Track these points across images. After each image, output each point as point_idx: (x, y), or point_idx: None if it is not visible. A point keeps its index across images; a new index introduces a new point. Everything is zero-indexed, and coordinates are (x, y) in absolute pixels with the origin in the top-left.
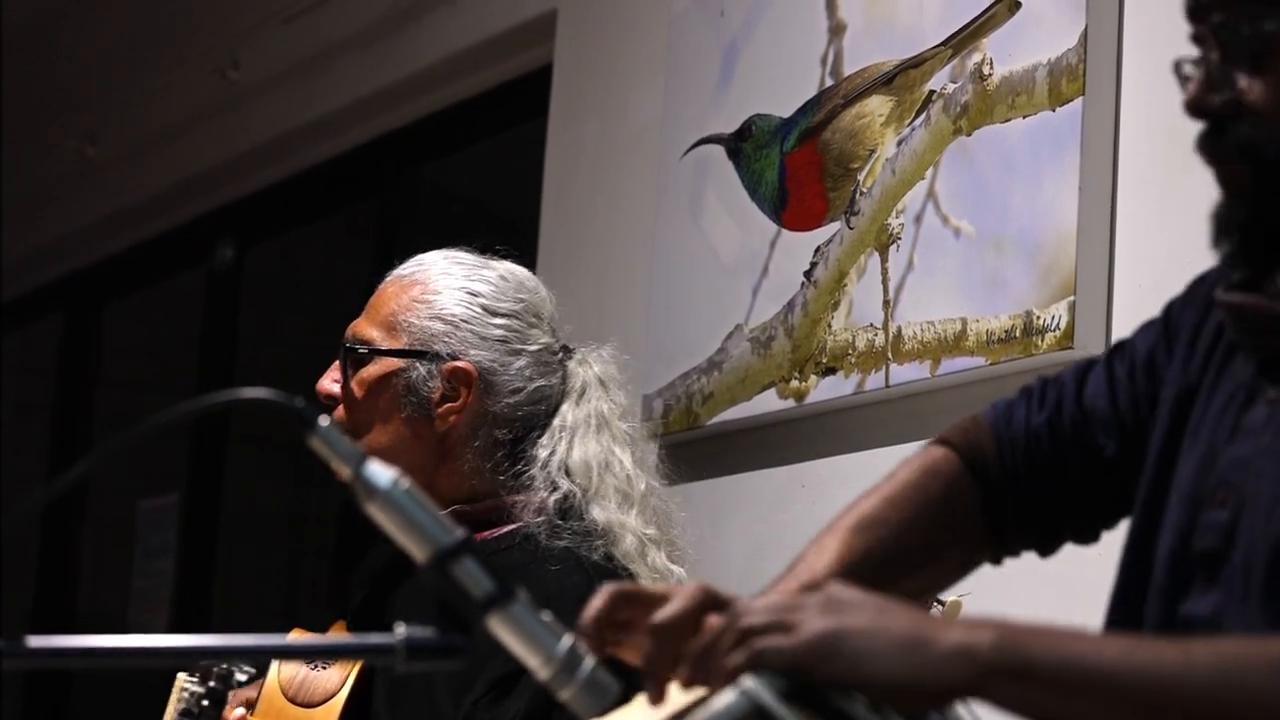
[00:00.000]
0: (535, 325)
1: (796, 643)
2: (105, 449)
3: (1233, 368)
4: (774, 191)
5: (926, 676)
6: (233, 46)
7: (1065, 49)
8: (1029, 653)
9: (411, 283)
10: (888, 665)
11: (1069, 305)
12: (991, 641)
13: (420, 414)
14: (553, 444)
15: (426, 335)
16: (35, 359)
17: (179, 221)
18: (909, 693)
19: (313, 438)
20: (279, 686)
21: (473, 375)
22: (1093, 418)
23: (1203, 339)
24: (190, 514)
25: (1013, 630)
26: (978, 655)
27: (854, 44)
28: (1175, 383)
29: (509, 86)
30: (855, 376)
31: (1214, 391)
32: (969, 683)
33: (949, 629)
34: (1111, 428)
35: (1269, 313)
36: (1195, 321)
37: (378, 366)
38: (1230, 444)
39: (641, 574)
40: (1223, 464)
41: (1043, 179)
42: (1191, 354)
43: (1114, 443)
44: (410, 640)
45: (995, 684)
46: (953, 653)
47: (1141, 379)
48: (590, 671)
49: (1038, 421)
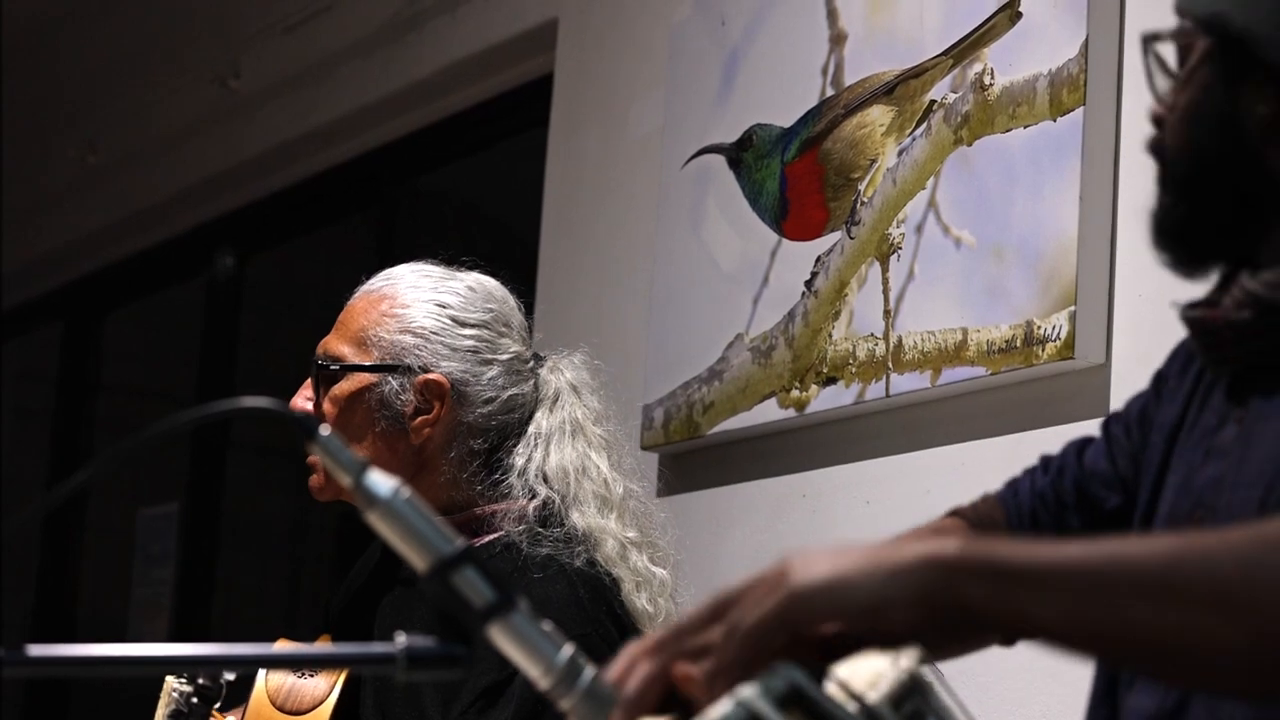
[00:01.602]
0: (505, 334)
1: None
2: (106, 457)
3: (1212, 400)
4: (775, 201)
5: (897, 588)
6: (234, 56)
7: (1066, 59)
8: (993, 551)
9: (380, 297)
10: (861, 586)
11: (1070, 315)
12: (957, 546)
13: (395, 428)
14: (529, 451)
15: (397, 349)
16: (36, 366)
17: (179, 230)
18: (884, 607)
19: (313, 446)
20: (267, 695)
21: (445, 387)
22: (1094, 477)
23: (1187, 379)
24: (190, 522)
25: (978, 539)
26: (943, 558)
27: (855, 54)
28: (1163, 426)
29: (510, 96)
30: (856, 386)
31: (1195, 426)
32: (938, 586)
33: (912, 544)
34: (1113, 483)
35: (1230, 320)
36: (1179, 369)
37: (350, 383)
38: (1204, 466)
39: (624, 577)
40: (1198, 486)
41: (1043, 189)
42: (1176, 394)
43: (1116, 496)
44: (411, 650)
45: (962, 585)
46: (918, 561)
47: (1136, 434)
48: (591, 682)
49: (1042, 485)
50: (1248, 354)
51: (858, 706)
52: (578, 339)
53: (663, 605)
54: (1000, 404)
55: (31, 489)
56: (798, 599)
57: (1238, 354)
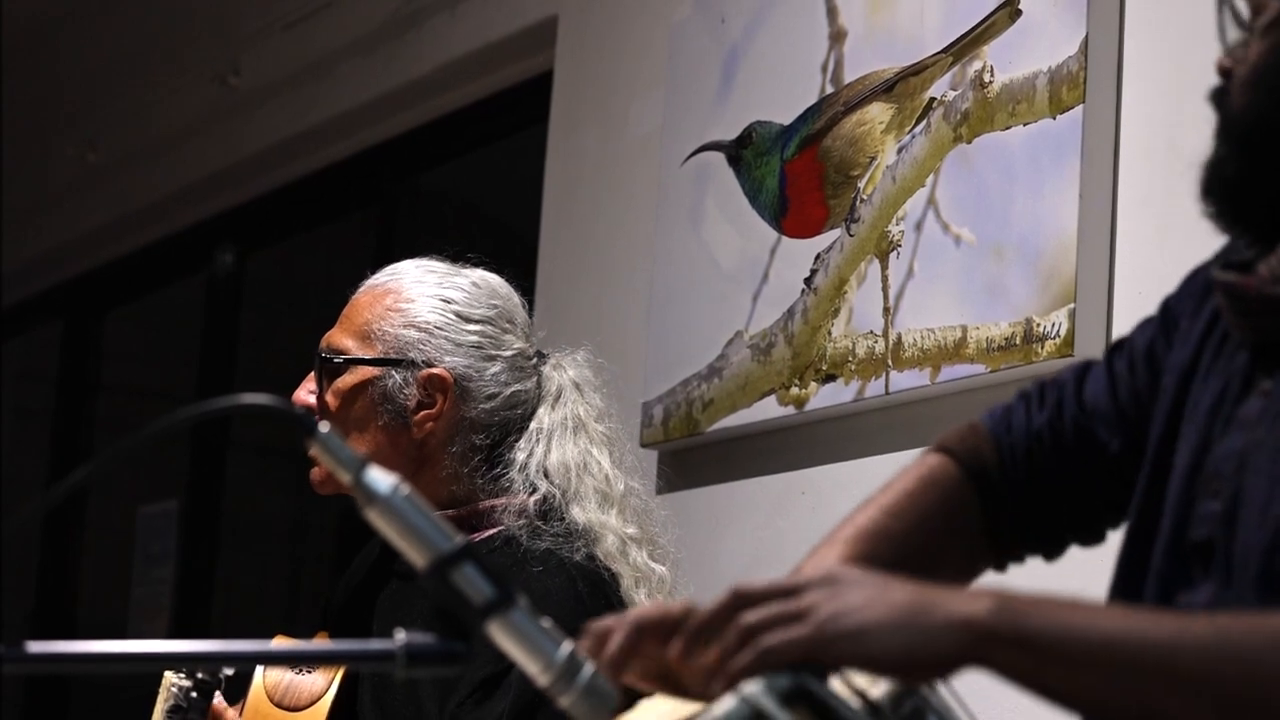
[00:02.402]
0: (509, 331)
1: (801, 634)
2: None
3: (1228, 353)
4: (774, 199)
5: (927, 647)
6: (233, 53)
7: (1066, 57)
8: (1027, 620)
9: (384, 291)
10: (890, 639)
11: (1069, 312)
12: (989, 610)
13: (397, 422)
14: (530, 446)
15: (401, 343)
16: (36, 365)
17: (179, 227)
18: (911, 664)
19: (313, 444)
20: (265, 691)
21: (448, 382)
22: (1095, 415)
23: (1199, 321)
24: (190, 520)
25: (1011, 599)
26: (976, 624)
27: (854, 51)
28: (1175, 367)
29: (509, 93)
30: (855, 383)
31: (1209, 375)
32: (968, 651)
33: (948, 599)
34: (1114, 424)
35: (1263, 294)
36: (1192, 307)
37: (353, 376)
38: (1225, 436)
39: (623, 573)
40: (1216, 456)
41: (1043, 186)
42: (1189, 336)
43: (1118, 439)
44: (410, 647)
45: (994, 652)
46: (951, 622)
47: (1142, 371)
48: (590, 678)
49: (1039, 423)
50: (1277, 328)
51: (860, 703)
52: (577, 336)
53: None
54: (999, 401)
55: (31, 488)
56: (824, 641)
57: (1268, 325)
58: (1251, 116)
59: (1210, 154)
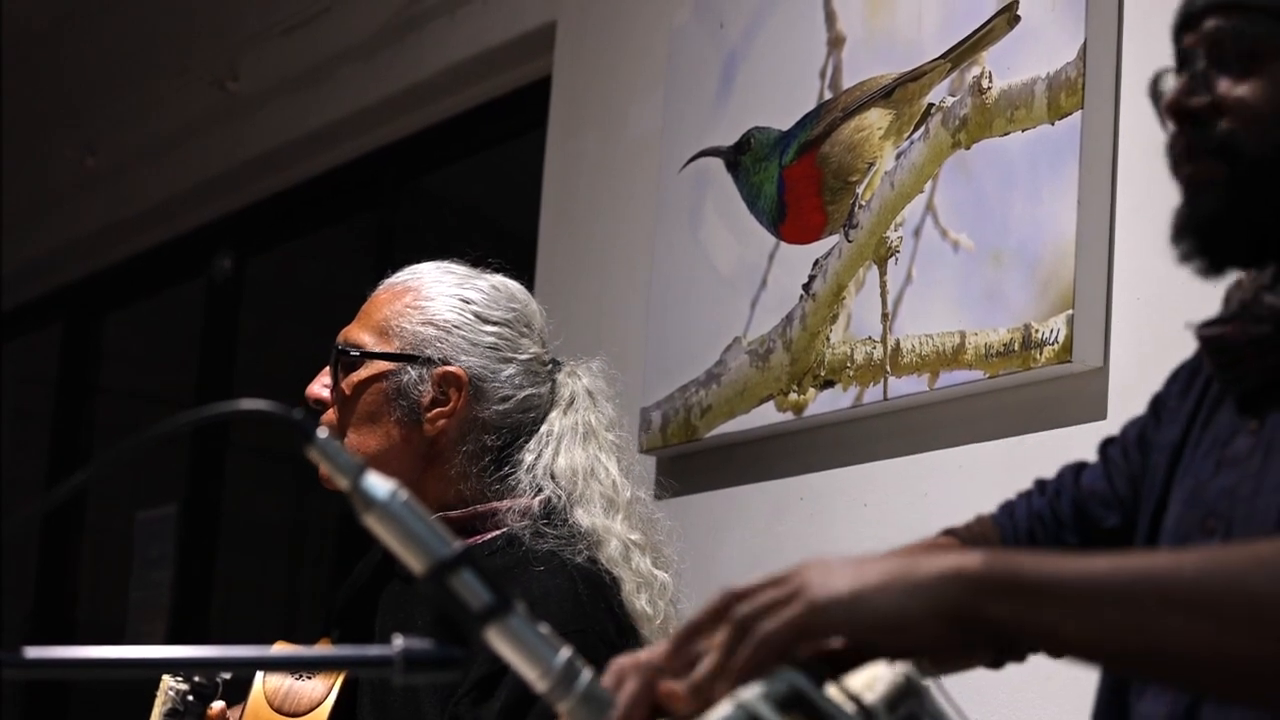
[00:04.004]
0: (526, 335)
1: (795, 613)
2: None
3: (1217, 417)
4: (772, 204)
5: (922, 602)
6: (232, 57)
7: (1064, 62)
8: (1019, 566)
9: (404, 289)
10: (884, 600)
11: (1067, 319)
12: (980, 560)
13: (410, 418)
14: (539, 449)
15: (418, 340)
16: (35, 368)
17: (178, 231)
18: (910, 623)
19: (311, 449)
20: (264, 697)
21: (463, 380)
22: (1092, 496)
23: (1188, 400)
24: (189, 525)
25: (1000, 551)
26: (967, 573)
27: (853, 57)
28: (1165, 445)
29: (508, 98)
30: (853, 389)
31: (1200, 442)
32: (963, 602)
33: (936, 557)
34: (1111, 503)
35: (1245, 337)
36: (1180, 389)
37: (368, 370)
38: (1215, 477)
39: (625, 578)
40: (1210, 496)
41: (1041, 192)
42: (1178, 415)
43: (1114, 515)
44: (408, 652)
45: (988, 601)
46: (942, 575)
47: (1135, 456)
48: (588, 684)
49: (1038, 506)
50: (1266, 369)
51: (855, 708)
52: (576, 341)
53: (662, 608)
54: (998, 407)
55: (30, 491)
56: (818, 611)
57: (1257, 369)
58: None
59: (1189, 197)
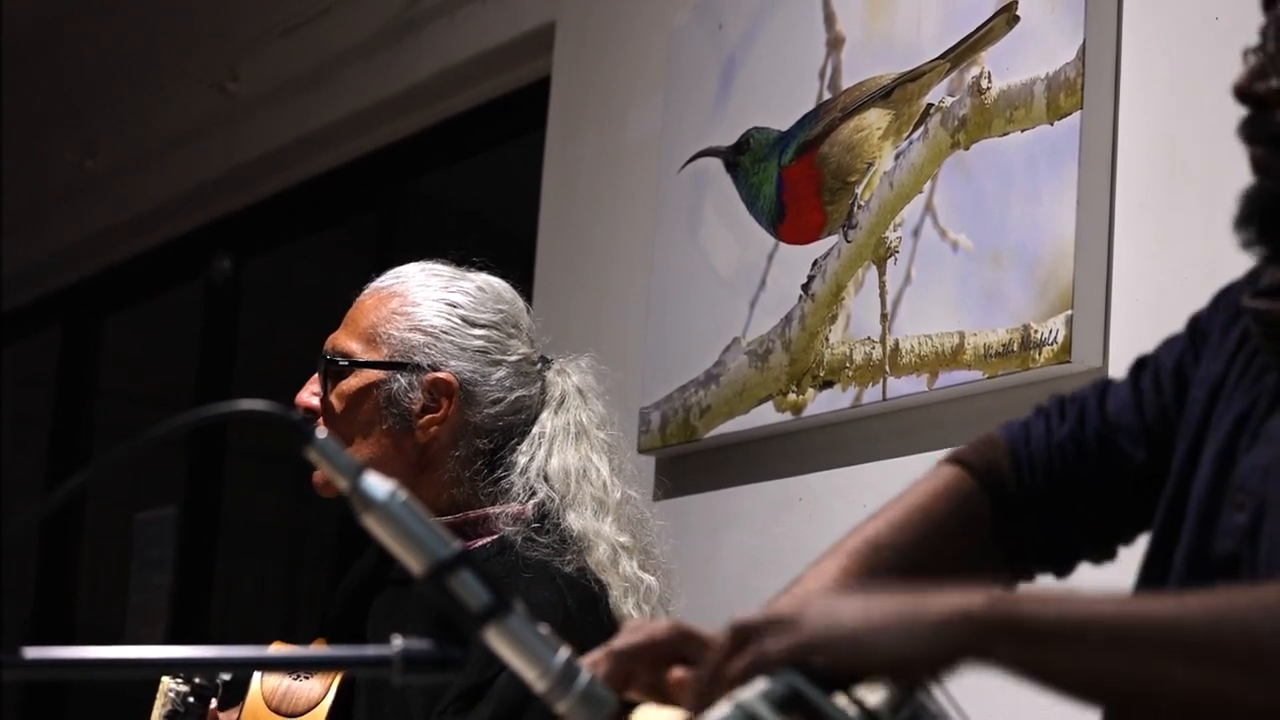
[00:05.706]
0: (514, 336)
1: (797, 634)
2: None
3: (1255, 373)
4: (772, 205)
5: (926, 643)
6: (232, 59)
7: (1063, 63)
8: (1022, 608)
9: (390, 294)
10: (887, 639)
11: (1066, 319)
12: (984, 601)
13: (401, 425)
14: (532, 451)
15: (407, 347)
16: (34, 370)
17: (178, 233)
18: (911, 663)
19: (310, 450)
20: (263, 697)
21: (454, 386)
22: (1119, 428)
23: (1230, 338)
24: (188, 526)
25: (1004, 593)
26: (972, 615)
27: (852, 57)
28: (1205, 381)
29: (507, 99)
30: (853, 390)
31: (1236, 391)
32: (967, 644)
33: (942, 596)
34: (1140, 437)
35: None
36: (1223, 324)
37: (358, 379)
38: (1251, 450)
39: (613, 583)
40: (1242, 469)
41: (1040, 193)
42: (1219, 352)
43: (1143, 451)
44: (407, 652)
45: (992, 643)
46: (948, 616)
47: (1169, 389)
48: (587, 684)
49: (1061, 435)
50: None
51: (857, 711)
52: (575, 342)
53: (648, 612)
54: (997, 408)
55: (30, 493)
56: (817, 643)
57: None
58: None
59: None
